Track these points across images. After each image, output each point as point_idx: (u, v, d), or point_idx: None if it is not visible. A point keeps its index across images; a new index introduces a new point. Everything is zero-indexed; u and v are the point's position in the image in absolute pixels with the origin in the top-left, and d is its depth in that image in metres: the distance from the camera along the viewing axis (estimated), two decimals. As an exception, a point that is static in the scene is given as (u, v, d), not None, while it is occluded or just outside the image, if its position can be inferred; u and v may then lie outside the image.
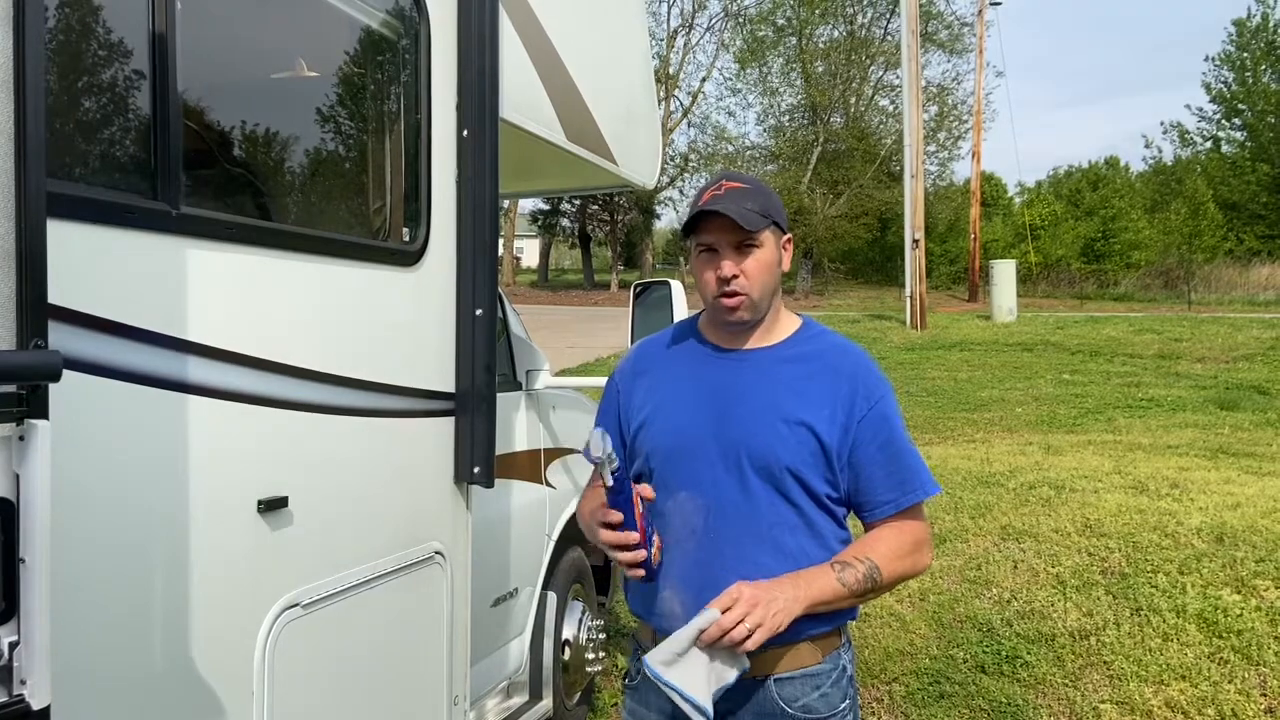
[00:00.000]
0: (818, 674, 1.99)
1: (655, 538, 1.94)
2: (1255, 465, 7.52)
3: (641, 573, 1.92)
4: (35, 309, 1.21)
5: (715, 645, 1.80)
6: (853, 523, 2.09)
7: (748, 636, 1.77)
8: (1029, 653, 4.48)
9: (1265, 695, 4.07)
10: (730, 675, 1.84)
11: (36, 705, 1.21)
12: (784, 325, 2.07)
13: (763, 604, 1.78)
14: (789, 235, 2.05)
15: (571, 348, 17.44)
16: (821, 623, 1.96)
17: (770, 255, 1.99)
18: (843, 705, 2.02)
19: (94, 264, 1.63)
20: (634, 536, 1.86)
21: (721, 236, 1.95)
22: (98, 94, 1.79)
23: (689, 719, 1.88)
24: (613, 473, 1.80)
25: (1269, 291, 32.09)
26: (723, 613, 1.79)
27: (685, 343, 2.13)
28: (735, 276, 1.95)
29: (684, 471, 2.01)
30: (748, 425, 1.96)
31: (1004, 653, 4.49)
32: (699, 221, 1.96)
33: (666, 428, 2.05)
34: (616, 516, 1.86)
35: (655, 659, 1.84)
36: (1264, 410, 11.75)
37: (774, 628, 1.79)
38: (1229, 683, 4.15)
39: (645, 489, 1.94)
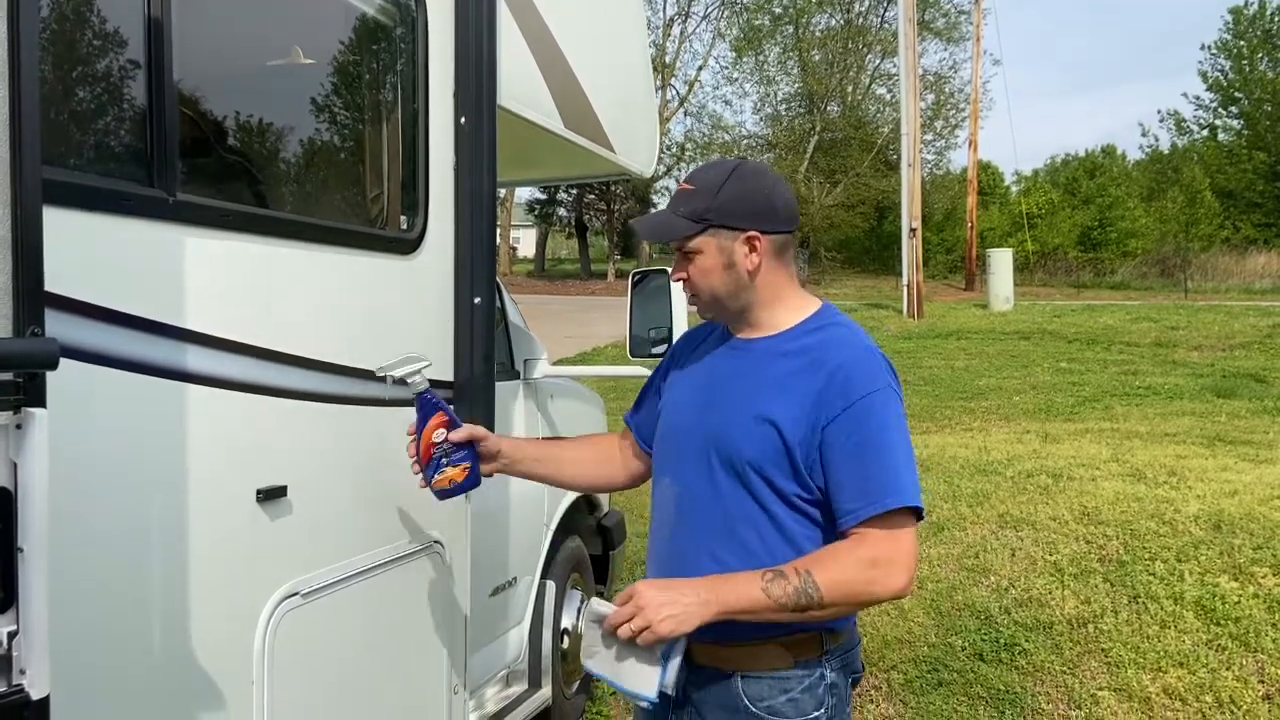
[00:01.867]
0: (787, 678, 1.90)
1: (452, 469, 2.15)
2: (1252, 453, 7.52)
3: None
4: (32, 296, 1.20)
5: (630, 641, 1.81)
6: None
7: (631, 636, 1.77)
8: (1027, 640, 4.48)
9: (1263, 682, 4.08)
10: (664, 659, 1.83)
11: (36, 695, 1.20)
12: (790, 314, 1.97)
13: (652, 608, 1.75)
14: (753, 232, 1.91)
15: (569, 337, 17.42)
16: (790, 626, 1.87)
17: (709, 261, 1.92)
18: (815, 713, 1.91)
19: (90, 251, 1.62)
20: (411, 450, 2.16)
21: (672, 244, 2.01)
22: (93, 81, 1.78)
23: (663, 706, 1.94)
24: (418, 394, 2.16)
25: (1265, 280, 32.13)
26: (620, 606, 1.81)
27: (716, 330, 2.12)
28: (683, 278, 1.99)
29: (670, 459, 2.02)
30: (720, 417, 1.93)
31: (1002, 640, 4.50)
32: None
33: (667, 413, 2.07)
34: (410, 432, 2.16)
35: (583, 654, 1.93)
36: (1261, 398, 11.75)
37: (664, 633, 1.76)
38: (1227, 669, 4.16)
39: (460, 433, 2.14)
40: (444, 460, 2.14)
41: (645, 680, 1.83)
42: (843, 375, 1.84)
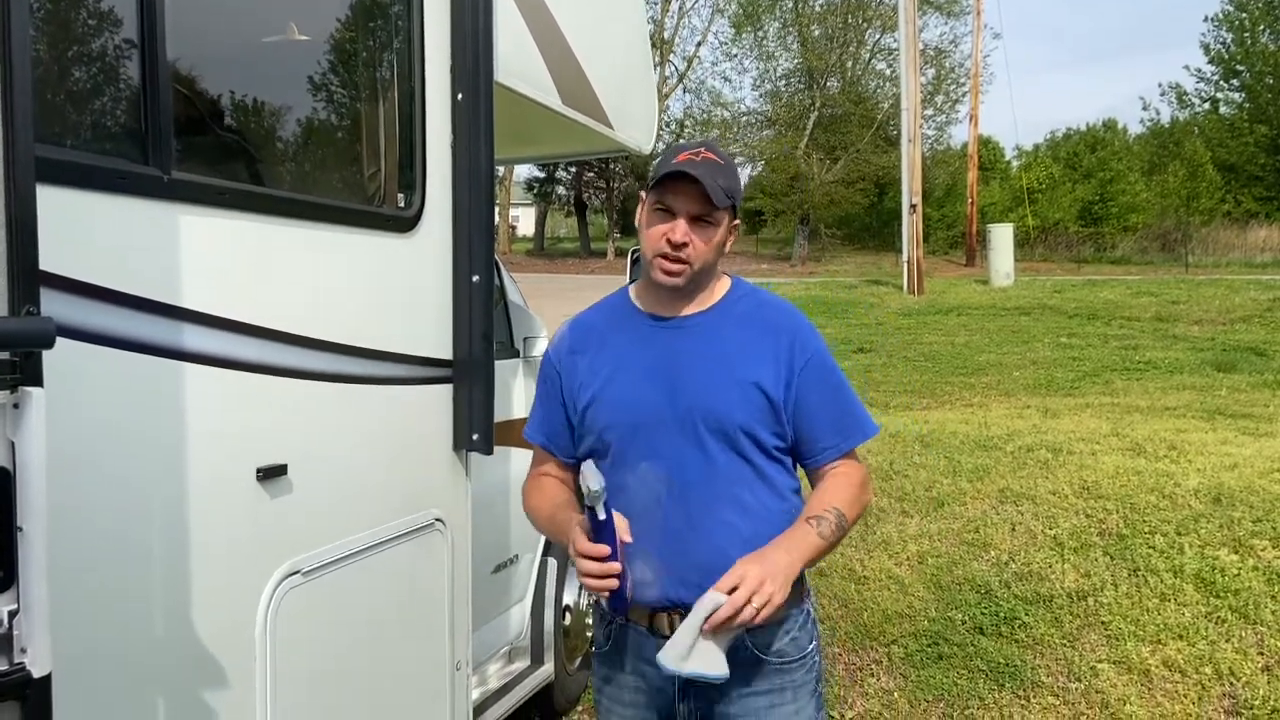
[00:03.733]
0: (787, 619, 2.06)
1: (631, 571, 1.93)
2: (1252, 426, 7.52)
3: (608, 595, 1.91)
4: (27, 275, 1.19)
5: (724, 625, 1.82)
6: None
7: (755, 614, 1.81)
8: (1027, 614, 4.50)
9: (1263, 654, 4.10)
10: (733, 636, 1.88)
11: (37, 673, 1.21)
12: (717, 288, 2.11)
13: (769, 579, 1.82)
14: (738, 220, 2.11)
15: (568, 315, 17.40)
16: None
17: (721, 237, 2.03)
18: (810, 646, 2.11)
19: (85, 230, 1.61)
20: (617, 567, 1.86)
21: (685, 204, 1.96)
22: (88, 59, 1.77)
23: (663, 671, 1.92)
24: (605, 505, 1.83)
25: (1266, 253, 32.01)
26: (729, 592, 1.81)
27: (622, 314, 2.14)
28: (686, 244, 1.96)
29: (642, 443, 2.02)
30: (700, 391, 2.00)
31: (1002, 614, 4.52)
32: (669, 180, 1.94)
33: (618, 403, 2.05)
34: (603, 550, 1.85)
35: (670, 657, 1.84)
36: (1261, 372, 11.75)
37: (779, 603, 1.84)
38: (1226, 642, 4.18)
39: (623, 527, 1.92)
40: (628, 566, 1.92)
41: (717, 659, 1.85)
42: (799, 334, 2.07)
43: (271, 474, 2.00)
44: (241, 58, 2.16)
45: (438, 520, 2.59)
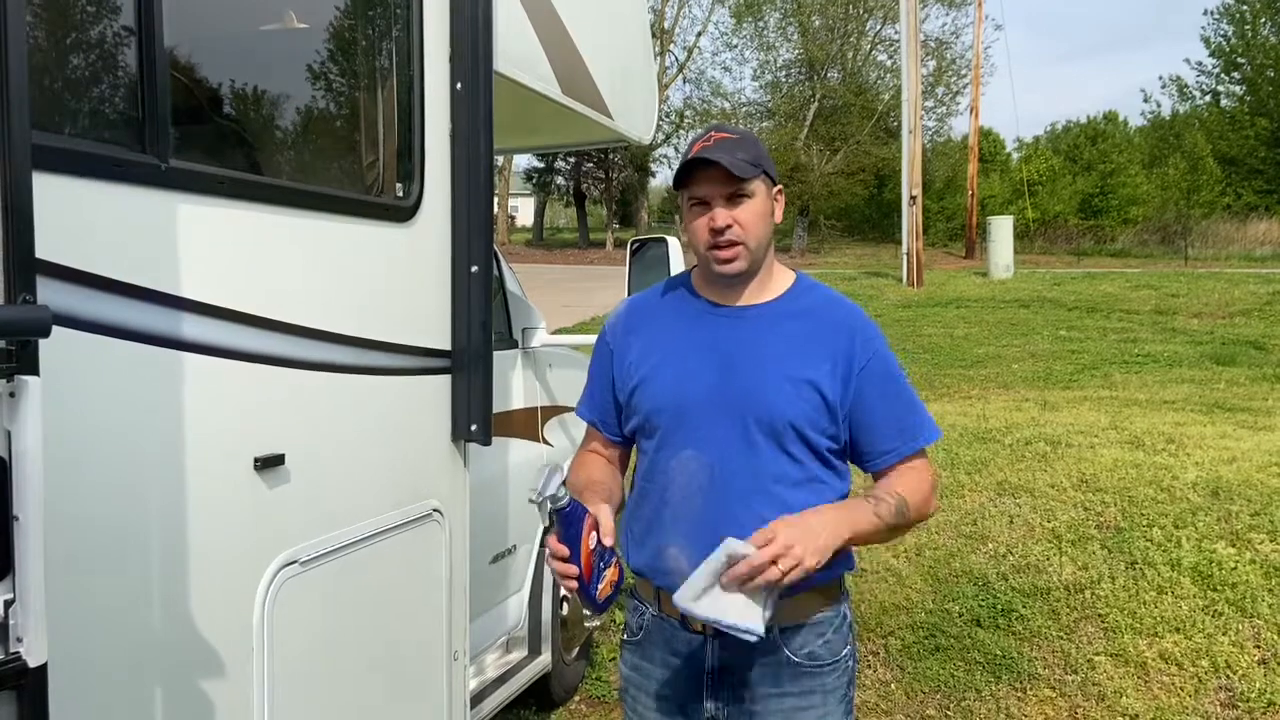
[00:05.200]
0: (822, 622, 2.02)
1: (609, 570, 1.89)
2: (1251, 420, 7.53)
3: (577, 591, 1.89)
4: (23, 263, 1.19)
5: (746, 583, 1.74)
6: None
7: (781, 576, 1.72)
8: (1024, 606, 4.51)
9: (1259, 647, 4.11)
10: (764, 595, 1.78)
11: (33, 663, 1.21)
12: (779, 280, 2.07)
13: (799, 545, 1.73)
14: (780, 186, 2.04)
15: (567, 306, 17.36)
16: (824, 572, 1.94)
17: (763, 205, 1.98)
18: (845, 651, 2.06)
19: (82, 218, 1.61)
20: (574, 570, 1.82)
21: (714, 188, 1.93)
22: (85, 46, 1.76)
23: (693, 665, 1.95)
24: (556, 511, 1.77)
25: (1266, 247, 31.99)
26: (758, 548, 1.73)
27: (679, 299, 2.11)
28: (729, 226, 1.94)
29: (688, 429, 2.00)
30: (752, 383, 1.96)
31: (999, 606, 4.53)
32: (691, 172, 1.93)
33: (667, 386, 2.03)
34: (563, 550, 1.81)
35: (684, 595, 1.79)
36: (1260, 365, 11.76)
37: (812, 567, 1.74)
38: (1223, 635, 4.19)
39: (605, 529, 1.87)
40: (601, 565, 1.88)
41: (752, 616, 1.77)
42: (860, 331, 2.01)
43: (269, 464, 2.00)
44: (240, 46, 2.15)
45: (436, 511, 2.59)
